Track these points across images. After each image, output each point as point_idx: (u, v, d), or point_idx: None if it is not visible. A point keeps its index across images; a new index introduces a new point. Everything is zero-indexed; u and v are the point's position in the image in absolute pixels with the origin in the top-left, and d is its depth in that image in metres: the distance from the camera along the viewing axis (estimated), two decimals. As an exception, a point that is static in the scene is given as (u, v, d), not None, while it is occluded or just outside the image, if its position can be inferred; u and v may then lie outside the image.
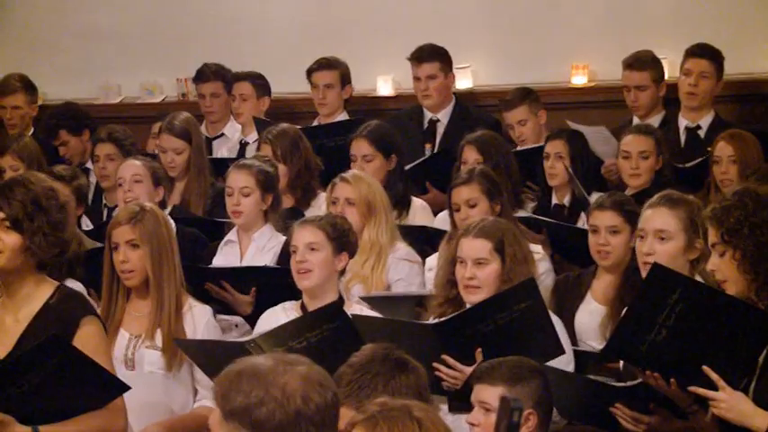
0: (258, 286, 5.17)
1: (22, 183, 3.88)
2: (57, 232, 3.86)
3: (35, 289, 3.91)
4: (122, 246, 4.57)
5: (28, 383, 3.69)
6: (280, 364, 2.56)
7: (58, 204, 3.89)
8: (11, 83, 7.68)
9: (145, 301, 4.61)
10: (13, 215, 3.81)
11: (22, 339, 3.86)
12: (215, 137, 7.52)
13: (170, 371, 4.56)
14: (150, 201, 5.33)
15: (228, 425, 2.49)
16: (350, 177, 5.44)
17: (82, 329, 3.87)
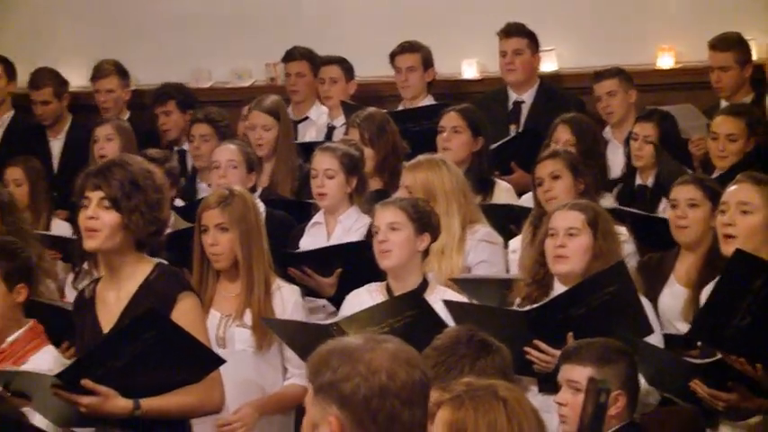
0: (342, 266, 5.23)
1: (120, 164, 3.97)
2: (153, 211, 3.94)
3: (135, 267, 3.99)
4: (212, 229, 4.66)
5: (126, 357, 3.78)
6: (369, 342, 2.60)
7: (154, 185, 3.97)
8: (104, 67, 7.84)
9: (234, 283, 4.70)
10: (112, 194, 3.89)
11: (124, 315, 3.95)
12: (300, 120, 7.61)
13: (260, 350, 4.66)
14: (241, 186, 5.40)
15: (318, 400, 2.55)
16: (409, 165, 5.43)
17: (179, 305, 3.95)
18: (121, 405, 3.80)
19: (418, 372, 2.60)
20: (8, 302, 4.24)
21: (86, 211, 3.92)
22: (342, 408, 2.52)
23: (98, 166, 4.01)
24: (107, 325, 3.98)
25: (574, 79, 7.65)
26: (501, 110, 7.28)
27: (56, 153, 7.81)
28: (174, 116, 7.49)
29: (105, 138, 6.63)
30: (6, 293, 4.23)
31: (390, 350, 2.59)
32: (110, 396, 3.78)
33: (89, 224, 3.91)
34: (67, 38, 8.59)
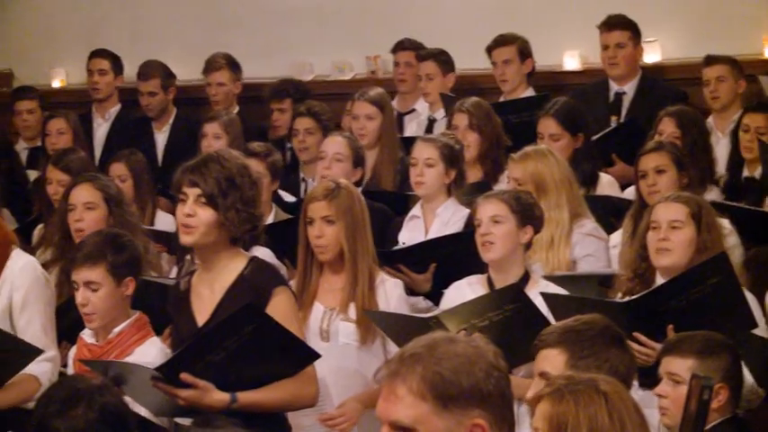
0: (437, 261, 5.24)
1: (217, 160, 3.99)
2: (249, 208, 3.97)
3: (229, 261, 4.03)
4: (317, 221, 4.68)
5: (224, 351, 3.81)
6: (451, 340, 2.55)
7: (250, 181, 4.00)
8: (216, 60, 7.93)
9: (338, 276, 4.71)
10: (209, 191, 3.93)
11: (218, 309, 3.99)
12: (406, 112, 7.62)
13: (364, 343, 4.67)
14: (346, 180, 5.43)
15: (450, 410, 2.45)
16: (516, 157, 5.40)
17: (274, 299, 3.98)
18: (218, 398, 3.84)
19: None
20: (116, 296, 4.30)
21: (184, 208, 3.97)
22: (485, 408, 2.48)
23: (195, 162, 4.03)
24: (202, 318, 4.03)
25: (677, 70, 7.56)
26: (602, 101, 7.22)
27: (160, 145, 7.93)
28: (287, 114, 7.55)
29: (213, 135, 6.71)
30: (115, 288, 4.29)
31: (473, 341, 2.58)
32: (207, 389, 3.83)
33: (186, 221, 3.96)
34: (172, 32, 8.71)
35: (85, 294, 4.26)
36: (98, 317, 4.28)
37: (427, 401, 2.45)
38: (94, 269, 4.26)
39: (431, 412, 2.46)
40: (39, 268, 4.45)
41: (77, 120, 7.62)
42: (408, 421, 2.47)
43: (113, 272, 4.29)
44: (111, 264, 4.28)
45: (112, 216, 5.14)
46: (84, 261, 4.27)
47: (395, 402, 2.49)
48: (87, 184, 5.19)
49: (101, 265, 4.27)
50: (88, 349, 4.33)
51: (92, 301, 4.26)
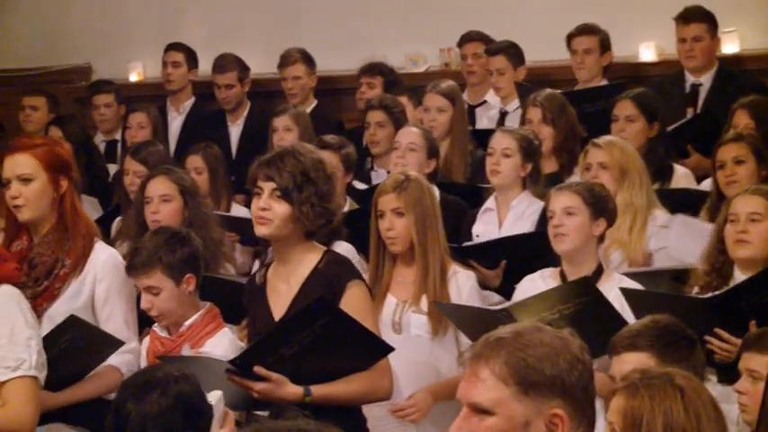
0: (508, 257, 5.21)
1: (292, 154, 4.01)
2: (323, 203, 3.98)
3: (305, 255, 4.05)
4: (388, 213, 4.69)
5: (297, 345, 3.83)
6: (538, 329, 2.57)
7: (325, 175, 4.01)
8: (291, 55, 7.96)
9: (410, 268, 4.71)
10: (284, 186, 3.95)
11: (294, 303, 4.01)
12: (477, 104, 7.61)
13: (436, 335, 4.66)
14: (420, 171, 5.43)
15: (530, 397, 2.47)
16: (602, 143, 5.38)
17: (348, 292, 4.00)
18: (292, 391, 3.86)
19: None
20: (179, 295, 4.33)
21: (259, 201, 4.00)
22: (565, 400, 2.49)
23: (270, 156, 4.06)
24: (278, 312, 4.05)
25: (756, 61, 7.46)
26: (678, 93, 7.15)
27: (234, 139, 7.99)
28: (376, 90, 7.54)
29: (284, 129, 6.74)
30: (175, 287, 4.32)
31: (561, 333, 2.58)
32: (281, 382, 3.85)
33: (261, 214, 3.99)
34: (246, 26, 8.77)
35: (148, 298, 4.32)
36: (165, 317, 4.34)
37: (509, 386, 2.48)
38: (151, 274, 4.31)
39: (511, 397, 2.48)
40: (121, 261, 4.49)
41: (158, 114, 7.72)
42: (488, 404, 2.50)
43: (170, 273, 4.31)
44: (166, 265, 4.31)
45: (187, 208, 5.19)
46: (140, 268, 4.32)
47: (476, 384, 2.52)
48: (163, 177, 5.25)
49: (156, 269, 4.30)
50: (160, 342, 4.38)
51: (156, 305, 4.31)
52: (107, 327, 4.32)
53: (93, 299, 4.37)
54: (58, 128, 7.46)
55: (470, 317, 4.47)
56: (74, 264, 4.33)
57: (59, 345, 4.09)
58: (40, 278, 4.32)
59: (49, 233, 4.36)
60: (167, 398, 3.14)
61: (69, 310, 4.23)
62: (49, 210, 4.35)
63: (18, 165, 4.32)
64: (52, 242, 4.35)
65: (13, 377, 3.76)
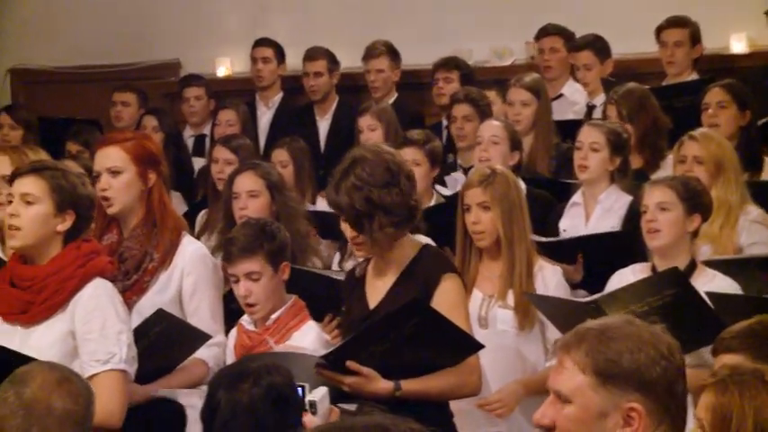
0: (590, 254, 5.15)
1: (388, 155, 4.02)
2: (406, 198, 3.98)
3: (402, 248, 4.06)
4: (474, 207, 4.68)
5: (390, 342, 3.85)
6: (632, 323, 2.57)
7: (406, 173, 4.01)
8: (376, 47, 7.97)
9: (496, 262, 4.70)
10: (352, 216, 3.95)
11: (389, 294, 4.03)
12: (554, 98, 7.56)
13: (522, 330, 4.65)
14: (504, 164, 5.41)
15: (608, 388, 2.48)
16: (698, 135, 5.33)
17: (442, 285, 4.00)
18: (383, 386, 3.87)
19: None
20: (275, 283, 4.38)
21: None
22: (645, 395, 2.48)
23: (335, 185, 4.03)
24: (374, 303, 4.07)
25: None
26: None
27: (323, 133, 8.02)
28: (453, 85, 7.54)
29: (368, 128, 6.75)
30: (273, 274, 4.37)
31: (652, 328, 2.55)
32: (372, 377, 3.86)
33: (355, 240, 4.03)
34: (334, 21, 8.81)
35: (247, 285, 4.34)
36: (261, 306, 4.36)
37: (587, 375, 2.50)
38: (253, 259, 4.34)
39: (588, 386, 2.50)
40: (208, 254, 4.54)
41: (247, 111, 7.78)
42: (567, 392, 2.54)
43: (270, 259, 4.36)
44: (268, 252, 4.35)
45: (275, 203, 5.22)
46: (242, 253, 4.34)
47: (560, 372, 2.57)
48: (250, 172, 5.29)
49: (259, 255, 4.34)
50: (248, 336, 4.41)
51: (254, 291, 4.34)
52: (194, 320, 4.36)
53: (180, 292, 4.40)
54: (153, 117, 7.56)
55: (559, 308, 4.45)
56: (162, 257, 4.38)
57: (148, 338, 4.14)
58: (130, 272, 4.37)
59: (137, 227, 4.41)
60: (259, 388, 3.18)
61: (157, 304, 4.28)
62: (138, 203, 4.40)
63: (108, 158, 4.38)
64: (141, 236, 4.40)
65: (103, 370, 3.82)
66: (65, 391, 2.75)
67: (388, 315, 3.88)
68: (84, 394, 2.78)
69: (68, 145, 7.26)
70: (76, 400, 2.75)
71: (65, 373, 2.85)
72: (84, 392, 2.78)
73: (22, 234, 3.93)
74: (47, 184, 3.94)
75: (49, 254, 3.96)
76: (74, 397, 2.75)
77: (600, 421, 2.49)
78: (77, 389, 2.78)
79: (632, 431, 2.47)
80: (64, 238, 3.97)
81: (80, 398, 2.76)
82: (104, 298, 3.93)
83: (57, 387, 2.75)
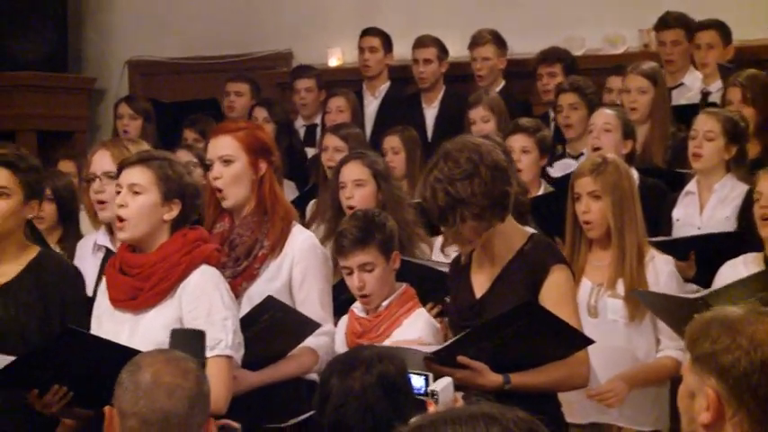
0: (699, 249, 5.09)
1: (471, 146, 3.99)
2: (489, 188, 3.91)
3: (510, 237, 4.04)
4: (584, 196, 4.65)
5: (500, 339, 3.85)
6: (751, 314, 2.54)
7: (490, 162, 3.94)
8: (482, 36, 7.96)
9: (606, 251, 4.66)
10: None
11: (496, 283, 4.02)
12: (674, 86, 7.44)
13: (632, 320, 4.61)
14: (616, 152, 5.36)
15: (696, 369, 2.51)
16: None
17: (551, 276, 3.97)
18: (492, 379, 3.86)
19: None
20: (388, 272, 4.40)
21: None
22: (720, 380, 2.46)
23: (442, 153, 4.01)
24: (480, 291, 4.06)
25: None
26: None
27: (430, 121, 8.03)
28: (557, 79, 7.50)
29: (482, 120, 6.74)
30: (385, 265, 4.38)
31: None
32: (482, 371, 3.86)
33: None
34: (443, 10, 8.79)
35: (361, 277, 4.37)
36: (375, 297, 4.38)
37: (689, 354, 2.54)
38: (366, 251, 4.36)
39: (689, 367, 2.53)
40: (317, 243, 4.56)
41: (356, 99, 7.83)
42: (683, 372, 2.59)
43: (382, 249, 4.38)
44: (380, 242, 4.38)
45: (381, 191, 5.24)
46: (355, 245, 4.36)
47: None
48: (357, 162, 5.32)
49: (371, 246, 4.36)
50: (359, 323, 4.44)
51: (368, 282, 4.37)
52: (303, 309, 4.38)
53: (290, 281, 4.43)
54: (264, 108, 7.65)
55: (668, 305, 4.39)
56: (272, 245, 4.41)
57: (257, 325, 4.17)
58: (240, 258, 4.41)
59: (249, 215, 4.44)
60: (370, 376, 3.20)
61: (267, 291, 4.31)
62: (249, 192, 4.44)
63: (220, 147, 4.42)
64: (252, 224, 4.43)
65: (208, 356, 3.87)
66: (173, 367, 2.80)
67: (499, 316, 3.86)
68: (194, 372, 2.83)
69: (186, 132, 7.40)
70: (186, 376, 2.79)
71: (174, 354, 2.90)
72: (194, 370, 2.83)
73: (130, 224, 4.00)
74: (153, 173, 3.99)
75: (156, 242, 4.02)
76: (182, 373, 2.80)
77: (691, 401, 2.51)
78: (186, 366, 2.83)
79: (708, 416, 2.46)
80: (171, 227, 4.03)
81: (189, 374, 2.80)
82: (210, 285, 3.98)
83: (165, 365, 2.81)
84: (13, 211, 4.20)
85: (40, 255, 4.31)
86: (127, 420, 2.75)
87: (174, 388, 2.77)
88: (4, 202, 4.19)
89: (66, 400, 3.88)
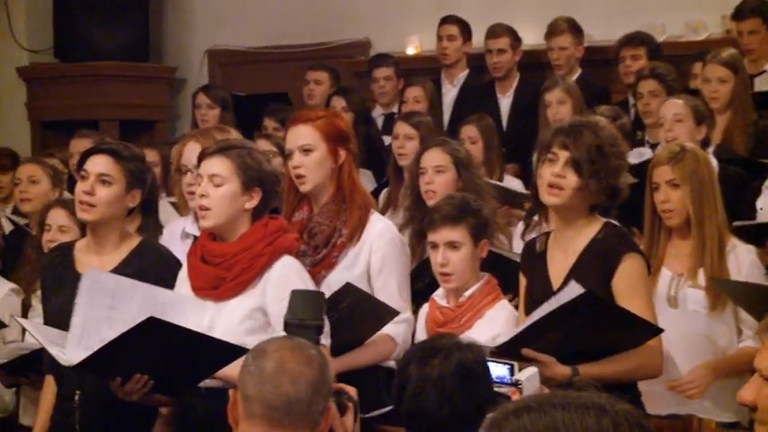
0: None
1: (591, 127, 3.99)
2: (610, 179, 3.96)
3: (585, 226, 4.03)
4: (663, 185, 4.61)
5: (565, 330, 3.82)
6: None
7: (618, 152, 3.99)
8: (558, 25, 7.92)
9: (686, 241, 4.61)
10: (578, 157, 3.94)
11: (571, 273, 4.00)
12: (756, 74, 7.34)
13: (713, 310, 4.56)
14: (691, 140, 5.31)
15: None
16: None
17: (624, 264, 3.95)
18: (560, 372, 3.84)
19: None
20: (473, 258, 4.39)
21: (553, 168, 3.99)
22: None
23: (569, 124, 4.04)
24: (556, 280, 4.05)
25: None
26: None
27: (504, 110, 8.01)
28: (641, 62, 7.42)
29: (557, 102, 6.73)
30: (473, 249, 4.38)
31: None
32: (550, 363, 3.84)
33: (556, 181, 3.99)
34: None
35: (446, 254, 4.37)
36: (456, 277, 4.37)
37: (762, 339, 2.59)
38: (456, 229, 4.36)
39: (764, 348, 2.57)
40: (395, 231, 4.57)
41: (433, 88, 7.82)
42: (760, 366, 2.63)
43: (472, 232, 4.38)
44: (471, 225, 4.38)
45: (461, 179, 5.24)
46: (446, 221, 4.37)
47: (762, 353, 2.63)
48: (437, 149, 5.33)
49: (462, 225, 4.37)
50: (440, 312, 4.44)
51: (452, 261, 4.36)
52: (381, 296, 4.39)
53: (368, 269, 4.44)
54: (342, 97, 7.68)
55: (750, 293, 4.34)
56: (350, 233, 4.43)
57: (337, 312, 4.19)
58: (319, 247, 4.43)
59: (327, 203, 4.47)
60: (449, 363, 3.21)
61: (346, 279, 4.33)
62: (328, 180, 4.45)
63: (299, 136, 4.45)
64: (331, 212, 4.46)
65: None
66: (298, 354, 2.83)
67: (560, 308, 3.82)
68: (318, 359, 2.86)
69: (266, 121, 7.45)
70: (309, 364, 2.82)
71: (299, 342, 2.93)
72: (317, 358, 2.86)
73: (212, 214, 4.03)
74: (233, 163, 4.03)
75: (238, 231, 4.06)
76: (307, 360, 2.83)
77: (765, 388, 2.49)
78: (310, 354, 2.86)
79: None
80: (252, 215, 4.07)
81: (313, 362, 2.83)
82: (293, 276, 4.01)
83: (290, 351, 2.84)
84: (115, 198, 4.25)
85: (142, 243, 4.37)
86: (250, 404, 2.78)
87: (298, 374, 2.80)
88: (106, 189, 4.24)
89: (147, 387, 3.94)
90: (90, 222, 4.28)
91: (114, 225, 4.31)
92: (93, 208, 4.22)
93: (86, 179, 4.24)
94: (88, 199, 4.22)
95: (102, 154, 4.27)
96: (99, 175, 4.23)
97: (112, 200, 4.24)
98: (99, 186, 4.22)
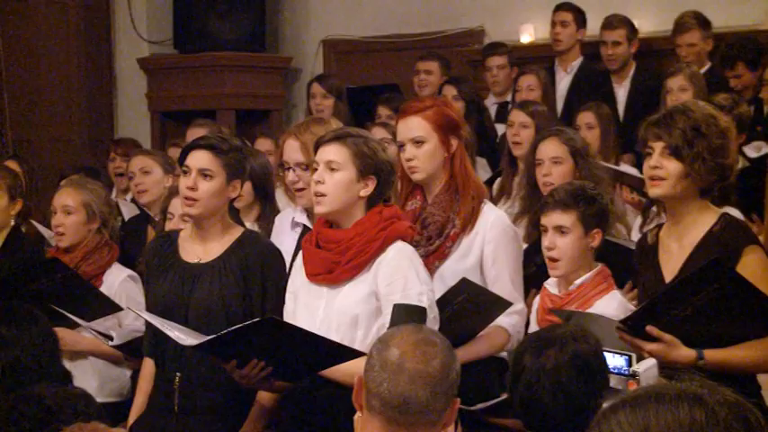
0: None
1: (682, 110, 3.94)
2: (716, 158, 3.88)
3: (699, 216, 3.96)
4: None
5: (691, 307, 3.73)
6: None
7: (718, 130, 3.91)
8: (685, 21, 7.78)
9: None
10: (674, 143, 3.88)
11: (686, 265, 3.93)
12: None
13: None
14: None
15: None
16: None
17: (745, 257, 3.87)
18: (685, 354, 3.76)
19: None
20: (582, 245, 4.37)
21: (650, 161, 3.94)
22: None
23: (659, 116, 3.99)
24: (669, 273, 3.99)
25: None
26: None
27: (621, 99, 7.92)
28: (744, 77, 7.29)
29: (679, 89, 6.64)
30: (582, 236, 4.36)
31: None
32: (674, 344, 3.76)
33: (655, 173, 3.93)
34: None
35: (554, 238, 4.36)
36: (562, 263, 4.35)
37: None
38: (566, 214, 4.35)
39: None
40: (508, 222, 4.54)
41: (547, 76, 7.77)
42: None
43: (583, 220, 4.35)
44: (582, 213, 4.36)
45: (578, 169, 5.21)
46: (557, 206, 4.36)
47: None
48: (554, 138, 5.29)
49: (572, 211, 4.35)
50: (550, 299, 4.42)
51: (558, 246, 4.35)
52: (494, 287, 4.38)
53: (481, 259, 4.43)
54: (453, 86, 7.67)
55: None
56: (463, 223, 4.42)
57: (452, 306, 4.20)
58: (432, 237, 4.43)
59: (440, 193, 4.46)
60: (564, 354, 3.20)
61: (459, 270, 4.33)
62: (441, 169, 4.45)
63: (410, 128, 4.44)
64: (444, 202, 4.45)
65: None
66: (420, 353, 2.81)
67: (689, 276, 3.75)
68: (441, 357, 2.81)
69: (380, 109, 7.48)
70: (430, 363, 2.80)
71: (424, 337, 2.88)
72: (440, 356, 2.81)
73: (327, 200, 4.07)
74: (349, 150, 4.06)
75: (352, 218, 4.09)
76: (428, 359, 2.81)
77: None
78: (432, 352, 2.82)
79: None
80: (366, 203, 4.10)
81: (434, 360, 2.80)
82: (405, 260, 4.02)
83: (413, 348, 2.82)
84: (216, 191, 4.33)
85: (244, 235, 4.43)
86: (371, 398, 2.80)
87: (416, 375, 2.78)
88: (207, 183, 4.32)
89: (264, 373, 3.99)
90: (194, 216, 4.36)
91: (217, 217, 4.38)
92: (197, 202, 4.30)
93: (188, 174, 4.33)
94: (191, 194, 4.30)
95: (201, 149, 4.34)
96: (200, 170, 4.31)
97: (214, 193, 4.32)
98: (201, 181, 4.30)
